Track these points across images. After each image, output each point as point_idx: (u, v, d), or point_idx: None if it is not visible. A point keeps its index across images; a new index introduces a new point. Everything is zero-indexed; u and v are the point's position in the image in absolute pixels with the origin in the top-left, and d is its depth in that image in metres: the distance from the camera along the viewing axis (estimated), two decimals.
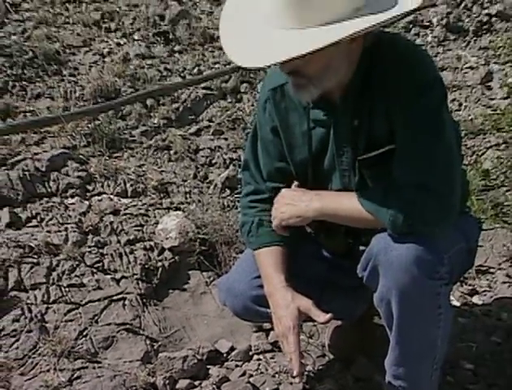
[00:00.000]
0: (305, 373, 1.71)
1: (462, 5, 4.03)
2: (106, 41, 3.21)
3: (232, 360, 1.86)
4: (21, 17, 3.17)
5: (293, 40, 1.21)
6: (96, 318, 1.93)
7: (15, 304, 1.92)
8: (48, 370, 1.76)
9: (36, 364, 1.78)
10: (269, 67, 1.42)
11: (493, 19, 3.92)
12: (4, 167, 2.35)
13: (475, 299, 2.14)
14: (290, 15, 1.22)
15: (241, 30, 1.29)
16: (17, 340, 1.84)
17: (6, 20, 3.08)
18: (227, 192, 2.52)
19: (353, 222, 1.44)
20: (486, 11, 3.97)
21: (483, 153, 2.83)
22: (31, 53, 2.92)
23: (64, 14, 3.31)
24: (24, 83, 2.80)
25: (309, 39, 1.19)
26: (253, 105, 2.98)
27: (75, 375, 1.75)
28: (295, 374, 1.47)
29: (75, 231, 2.15)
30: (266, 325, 1.90)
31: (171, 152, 2.68)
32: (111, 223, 2.22)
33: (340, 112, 1.43)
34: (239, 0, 1.35)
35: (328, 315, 1.46)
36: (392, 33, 1.36)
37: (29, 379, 1.74)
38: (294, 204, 1.49)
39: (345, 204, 1.42)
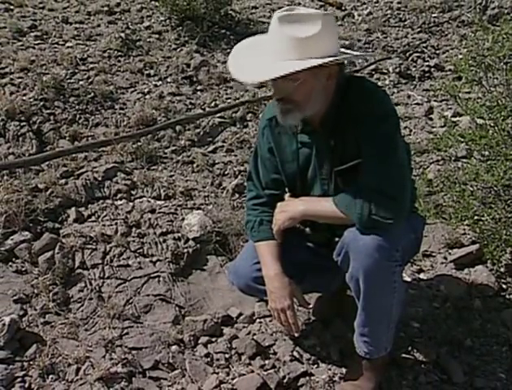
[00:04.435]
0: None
1: (410, 58, 4.09)
2: (147, 84, 3.21)
3: (240, 322, 1.85)
4: (86, 68, 3.18)
5: (284, 64, 1.21)
6: (138, 290, 1.92)
7: (80, 279, 1.92)
8: (104, 328, 1.75)
9: (96, 323, 1.78)
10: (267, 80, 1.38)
11: (432, 69, 3.97)
12: (72, 177, 2.36)
13: (421, 276, 2.13)
14: (291, 51, 1.23)
15: (249, 59, 1.30)
16: (82, 305, 1.84)
17: (76, 70, 3.11)
18: (237, 195, 2.50)
19: (329, 219, 1.43)
20: (427, 63, 4.03)
21: (427, 167, 2.82)
22: (92, 93, 2.93)
23: (117, 64, 3.33)
24: (87, 115, 2.81)
25: (298, 63, 1.20)
26: (256, 130, 2.97)
27: (124, 332, 1.75)
28: (296, 335, 1.55)
29: (122, 225, 2.15)
30: (266, 297, 1.89)
31: (194, 165, 2.67)
32: (149, 219, 2.21)
33: (320, 136, 1.42)
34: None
35: (309, 306, 1.62)
36: (360, 76, 1.35)
37: (91, 334, 1.74)
38: (285, 210, 1.49)
39: (323, 206, 1.41)
